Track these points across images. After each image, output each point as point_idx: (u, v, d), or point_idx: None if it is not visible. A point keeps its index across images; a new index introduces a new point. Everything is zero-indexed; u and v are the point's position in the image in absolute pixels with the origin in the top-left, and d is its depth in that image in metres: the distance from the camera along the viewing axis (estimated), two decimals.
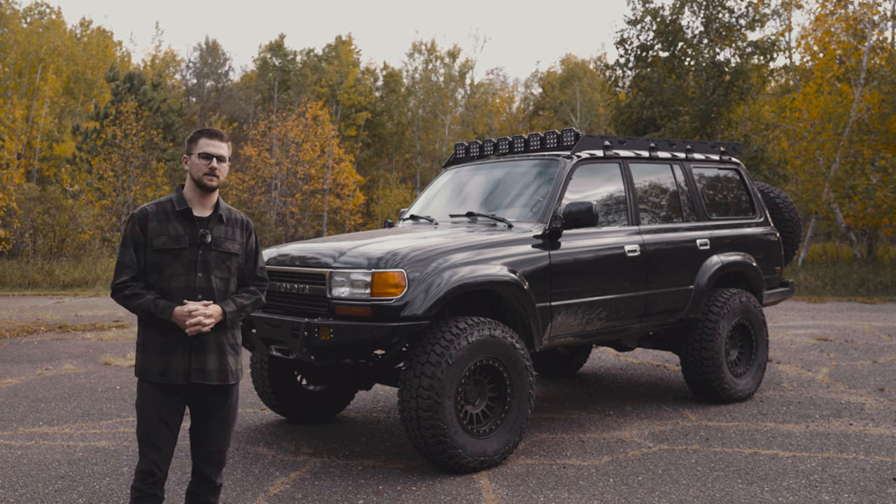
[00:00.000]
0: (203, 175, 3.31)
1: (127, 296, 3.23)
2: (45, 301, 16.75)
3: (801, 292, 16.91)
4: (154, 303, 3.20)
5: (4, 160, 23.77)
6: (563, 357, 7.87)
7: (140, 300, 3.21)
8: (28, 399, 7.00)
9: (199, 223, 3.33)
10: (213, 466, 3.41)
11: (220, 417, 3.38)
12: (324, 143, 35.54)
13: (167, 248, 3.26)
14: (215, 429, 3.38)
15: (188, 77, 48.68)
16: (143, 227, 3.27)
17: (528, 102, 52.24)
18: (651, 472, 4.81)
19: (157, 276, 3.26)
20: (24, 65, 36.37)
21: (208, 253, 3.31)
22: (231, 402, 3.41)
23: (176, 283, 3.25)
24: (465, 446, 4.74)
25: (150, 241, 3.26)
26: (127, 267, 3.26)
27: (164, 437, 3.27)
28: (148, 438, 3.26)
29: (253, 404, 6.78)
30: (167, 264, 3.26)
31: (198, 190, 3.36)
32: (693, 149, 6.97)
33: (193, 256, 3.29)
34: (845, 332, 10.72)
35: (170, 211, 3.32)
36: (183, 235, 3.28)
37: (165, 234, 3.27)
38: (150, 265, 3.27)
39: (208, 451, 3.39)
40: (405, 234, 5.64)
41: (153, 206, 3.34)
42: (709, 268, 6.50)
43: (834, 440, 5.44)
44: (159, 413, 3.26)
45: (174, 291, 3.25)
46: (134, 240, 3.27)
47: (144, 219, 3.28)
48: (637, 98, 24.70)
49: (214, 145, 3.35)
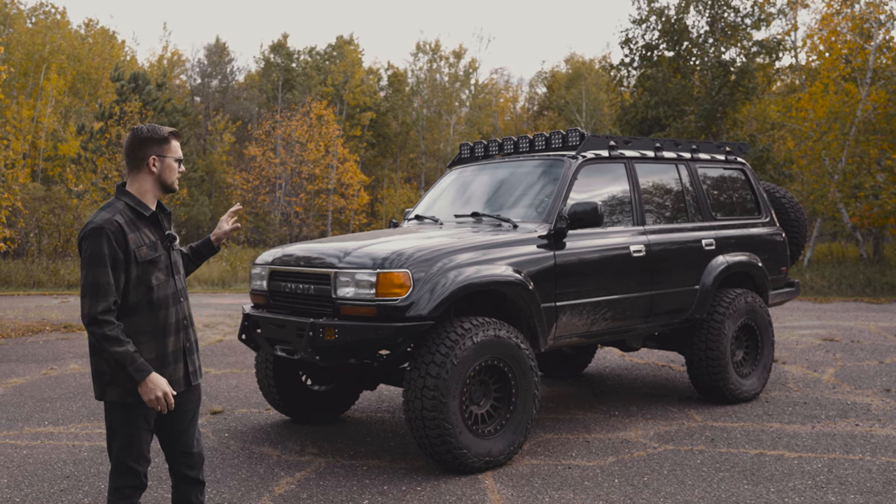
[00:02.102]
0: (175, 179, 3.22)
1: (108, 336, 2.92)
2: (50, 301, 16.79)
3: (806, 292, 16.86)
4: (132, 357, 2.94)
5: (10, 160, 23.81)
6: (568, 357, 7.85)
7: (120, 348, 2.93)
8: (33, 399, 7.01)
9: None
10: (197, 466, 3.34)
11: (195, 416, 3.33)
12: (328, 142, 35.57)
13: (150, 259, 3.07)
14: (193, 428, 3.32)
15: (193, 77, 48.76)
16: (121, 241, 2.99)
17: (532, 102, 52.22)
18: (656, 472, 4.80)
19: (145, 289, 3.06)
20: (29, 65, 36.48)
21: (173, 253, 3.23)
22: (200, 399, 3.38)
23: (162, 292, 3.11)
24: (469, 446, 4.73)
25: (132, 255, 3.01)
26: (108, 290, 2.94)
27: (149, 443, 3.17)
28: (138, 453, 3.10)
29: (258, 404, 6.78)
30: (152, 275, 3.07)
31: (158, 191, 3.19)
32: (698, 149, 6.95)
33: (167, 261, 3.17)
34: (851, 332, 10.69)
35: (135, 218, 3.09)
36: (155, 241, 3.12)
37: (144, 243, 3.06)
38: (136, 279, 3.03)
39: (192, 455, 3.31)
40: (410, 234, 5.63)
41: (118, 215, 3.03)
42: (714, 268, 6.49)
43: (840, 441, 5.42)
44: (149, 425, 3.14)
45: (162, 301, 3.11)
46: (112, 257, 2.96)
47: (121, 231, 2.99)
48: (642, 98, 24.69)
49: (179, 148, 3.26)
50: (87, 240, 2.99)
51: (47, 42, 36.78)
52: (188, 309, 3.30)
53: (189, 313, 3.30)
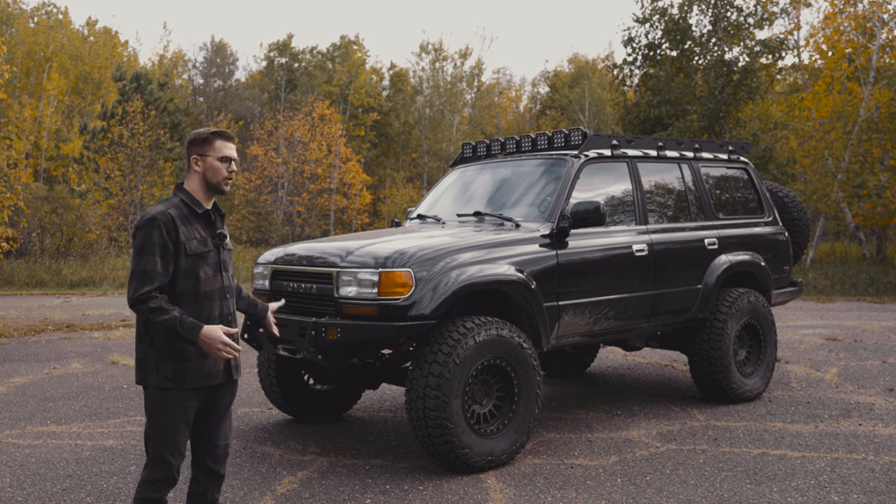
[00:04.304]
0: (223, 179, 3.31)
1: (152, 308, 3.06)
2: (53, 300, 16.81)
3: (809, 292, 16.84)
4: (180, 320, 3.07)
5: (13, 160, 23.84)
6: (571, 356, 7.85)
7: (165, 315, 3.06)
8: (36, 398, 7.02)
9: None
10: (221, 460, 3.43)
11: (228, 411, 3.44)
12: (330, 142, 35.58)
13: (199, 253, 3.21)
14: (226, 422, 3.43)
15: (195, 76, 48.79)
16: (172, 232, 3.15)
17: (535, 101, 52.19)
18: (659, 472, 4.79)
19: (193, 282, 3.19)
20: (31, 64, 36.51)
21: (223, 251, 3.35)
22: (236, 394, 3.48)
23: (209, 287, 3.24)
24: (472, 446, 4.73)
25: (182, 247, 3.16)
26: (153, 276, 3.09)
27: (184, 439, 3.26)
28: (174, 445, 3.19)
29: (260, 403, 6.78)
30: (200, 268, 3.21)
31: (208, 191, 3.32)
32: (701, 148, 6.94)
33: (217, 258, 3.30)
34: (854, 331, 10.67)
35: (188, 213, 3.25)
36: (206, 237, 3.27)
37: (194, 237, 3.21)
38: (185, 271, 3.17)
39: (218, 447, 3.39)
40: (412, 233, 5.63)
41: (172, 209, 3.21)
42: (717, 267, 6.48)
43: (843, 440, 5.41)
44: (187, 418, 3.23)
45: (208, 294, 3.23)
46: (163, 246, 3.12)
47: (172, 223, 3.15)
48: (645, 97, 24.65)
49: (230, 148, 3.34)
50: (141, 229, 3.15)
51: (49, 42, 36.81)
52: (233, 306, 3.41)
53: (233, 311, 3.42)
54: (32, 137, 34.70)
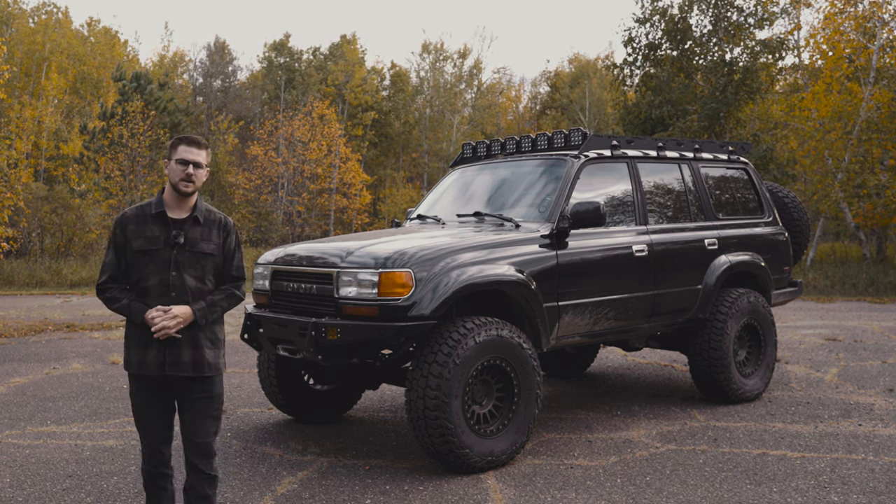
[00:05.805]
0: (179, 181, 3.47)
1: (107, 298, 3.50)
2: (53, 300, 16.81)
3: (809, 292, 16.84)
4: (129, 306, 3.44)
5: (13, 159, 23.84)
6: (571, 357, 7.85)
7: (118, 303, 3.46)
8: (36, 398, 7.02)
9: (175, 225, 3.49)
10: (201, 457, 3.52)
11: (202, 408, 3.52)
12: (330, 142, 35.58)
13: (143, 250, 3.45)
14: (198, 419, 3.52)
15: (195, 76, 48.78)
16: (123, 229, 3.49)
17: (535, 101, 52.18)
18: (659, 472, 4.79)
19: (138, 276, 3.47)
20: (31, 64, 36.50)
21: (182, 253, 3.48)
22: (213, 393, 3.54)
23: (151, 282, 3.45)
24: (472, 446, 4.73)
25: (128, 243, 3.47)
26: (107, 267, 3.52)
27: (153, 421, 3.52)
28: (141, 424, 3.54)
29: (260, 404, 6.78)
30: (144, 264, 3.46)
31: (174, 194, 3.51)
32: (701, 148, 6.94)
33: (168, 256, 3.46)
34: (854, 332, 10.67)
35: (147, 214, 3.51)
36: (158, 237, 3.47)
37: (143, 236, 3.47)
38: (130, 265, 3.48)
39: (195, 443, 3.51)
40: (412, 233, 5.63)
41: (134, 209, 3.55)
42: (717, 267, 6.48)
43: (843, 441, 5.41)
44: (146, 401, 3.51)
45: (150, 290, 3.45)
46: (115, 242, 3.51)
47: (124, 222, 3.50)
48: (645, 97, 24.65)
49: (192, 152, 3.49)
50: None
51: (49, 41, 36.80)
52: (182, 304, 3.48)
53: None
54: (33, 137, 34.70)
